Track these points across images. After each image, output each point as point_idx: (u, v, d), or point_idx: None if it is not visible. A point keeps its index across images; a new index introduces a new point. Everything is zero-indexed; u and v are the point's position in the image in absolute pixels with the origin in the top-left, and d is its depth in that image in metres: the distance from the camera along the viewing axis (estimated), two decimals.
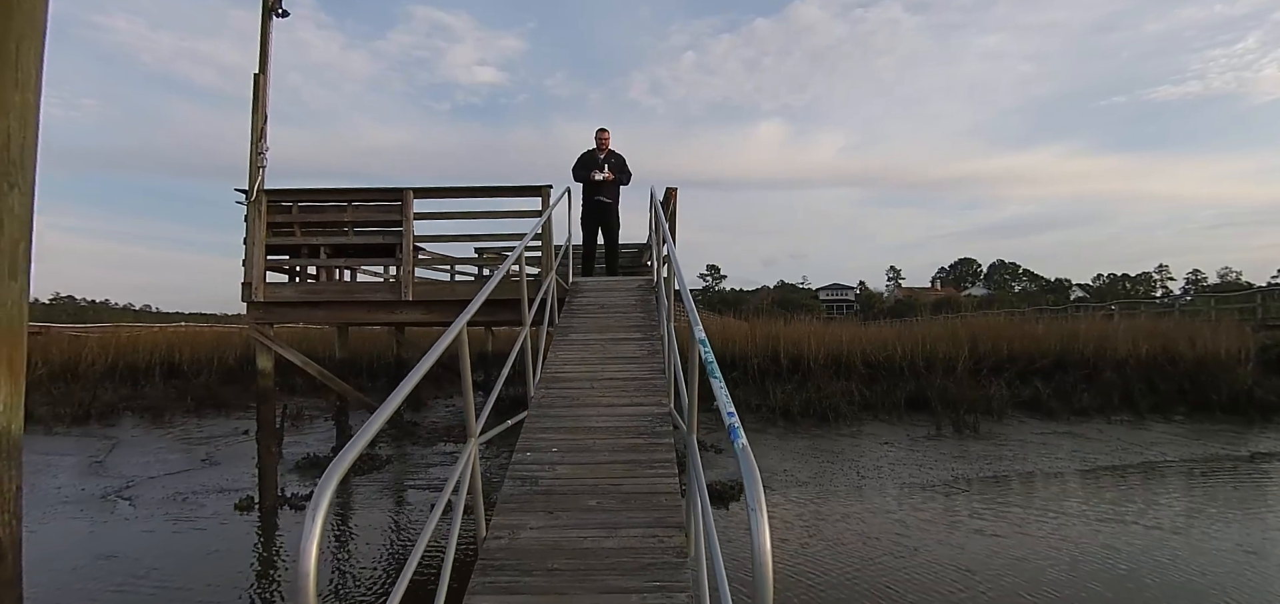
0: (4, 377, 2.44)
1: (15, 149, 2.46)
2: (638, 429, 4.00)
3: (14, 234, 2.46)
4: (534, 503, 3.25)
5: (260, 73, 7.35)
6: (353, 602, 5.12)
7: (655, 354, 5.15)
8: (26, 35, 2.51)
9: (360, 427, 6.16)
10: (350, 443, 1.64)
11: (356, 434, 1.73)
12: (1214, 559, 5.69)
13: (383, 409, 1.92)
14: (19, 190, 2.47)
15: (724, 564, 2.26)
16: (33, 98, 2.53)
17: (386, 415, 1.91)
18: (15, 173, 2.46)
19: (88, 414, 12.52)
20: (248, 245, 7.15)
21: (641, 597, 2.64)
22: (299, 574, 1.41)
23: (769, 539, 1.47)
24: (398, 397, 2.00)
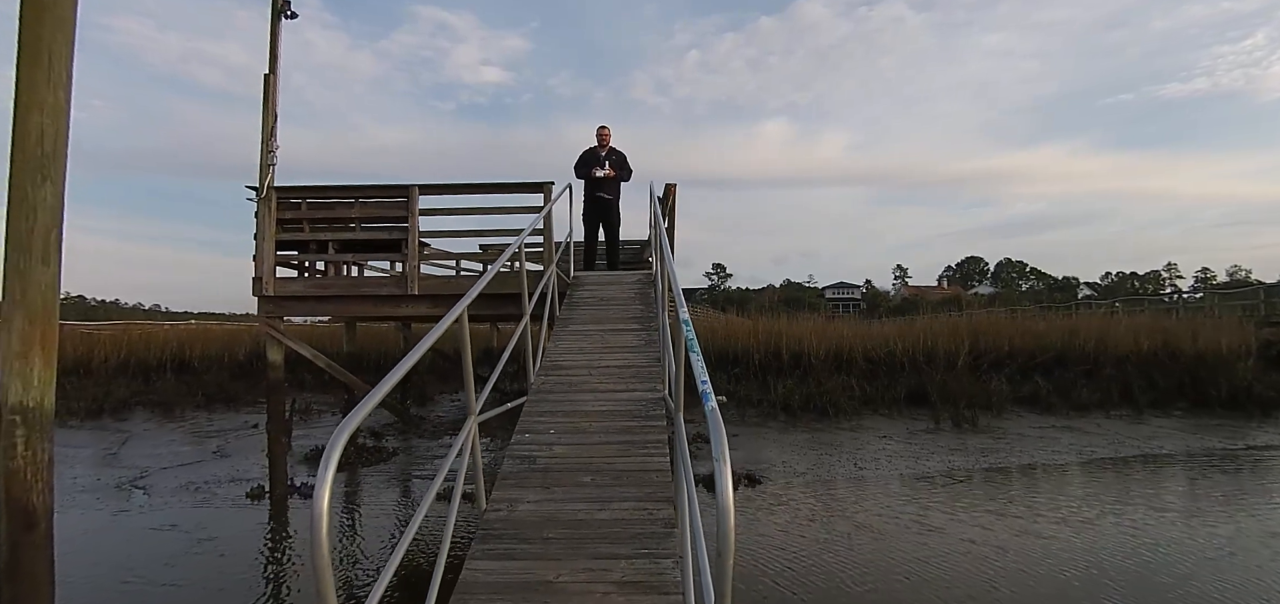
0: (37, 356, 2.63)
1: (48, 144, 2.65)
2: (632, 412, 4.17)
3: (46, 223, 2.65)
4: (531, 479, 3.43)
5: (270, 73, 7.56)
6: (362, 579, 5.29)
7: (652, 344, 5.32)
8: (58, 39, 2.71)
9: (377, 416, 6.41)
10: (361, 403, 1.82)
11: (366, 396, 1.90)
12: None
13: (393, 374, 2.09)
14: (51, 183, 2.66)
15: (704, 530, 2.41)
16: (63, 97, 2.72)
17: (396, 379, 2.09)
18: (48, 166, 2.65)
19: (101, 408, 12.77)
20: (258, 241, 7.36)
21: (630, 562, 2.81)
22: (314, 514, 1.59)
23: (731, 485, 1.64)
24: (406, 364, 2.18)
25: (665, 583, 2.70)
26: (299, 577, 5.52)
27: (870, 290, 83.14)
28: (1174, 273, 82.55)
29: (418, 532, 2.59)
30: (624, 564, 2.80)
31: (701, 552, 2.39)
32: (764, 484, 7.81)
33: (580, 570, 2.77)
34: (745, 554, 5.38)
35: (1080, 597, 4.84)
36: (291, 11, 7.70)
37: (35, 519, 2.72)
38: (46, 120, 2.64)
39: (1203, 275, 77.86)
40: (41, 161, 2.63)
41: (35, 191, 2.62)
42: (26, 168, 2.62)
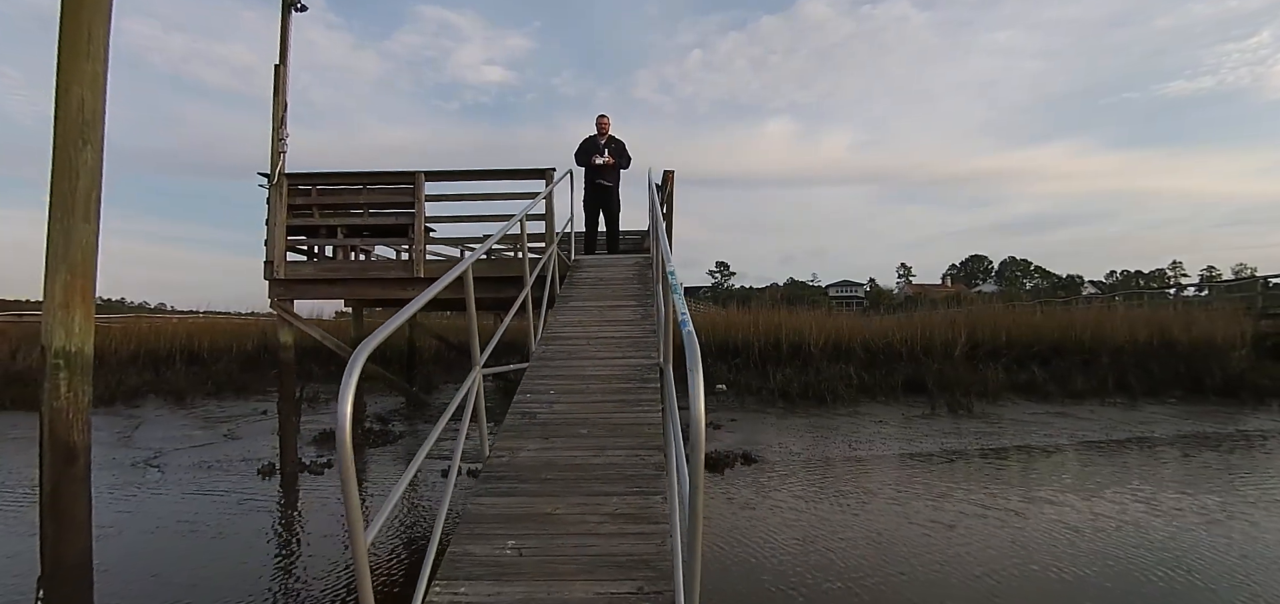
0: (78, 306, 2.87)
1: (88, 112, 2.89)
2: (628, 376, 4.40)
3: (87, 184, 2.89)
4: (532, 431, 3.67)
5: (280, 63, 7.82)
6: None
7: (649, 318, 5.55)
8: (96, 15, 2.95)
9: (377, 404, 6.72)
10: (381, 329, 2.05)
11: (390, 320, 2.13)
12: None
13: (411, 306, 2.32)
14: (91, 146, 2.91)
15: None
16: (101, 69, 2.97)
17: (413, 311, 2.31)
18: (88, 132, 2.90)
19: (113, 396, 13.06)
20: (269, 226, 7.61)
21: (623, 498, 3.04)
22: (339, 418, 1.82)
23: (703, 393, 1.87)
24: (421, 300, 2.41)
25: (654, 514, 2.93)
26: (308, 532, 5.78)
27: (874, 289, 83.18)
28: (1179, 271, 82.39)
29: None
30: (616, 499, 3.03)
31: (684, 485, 2.63)
32: (759, 464, 8.03)
33: (576, 504, 3.00)
34: (726, 523, 5.65)
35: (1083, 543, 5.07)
36: (301, 4, 7.95)
37: (75, 455, 2.96)
38: (86, 90, 2.89)
39: (1208, 273, 77.66)
40: (82, 128, 2.87)
41: (77, 155, 2.86)
42: (69, 134, 2.87)
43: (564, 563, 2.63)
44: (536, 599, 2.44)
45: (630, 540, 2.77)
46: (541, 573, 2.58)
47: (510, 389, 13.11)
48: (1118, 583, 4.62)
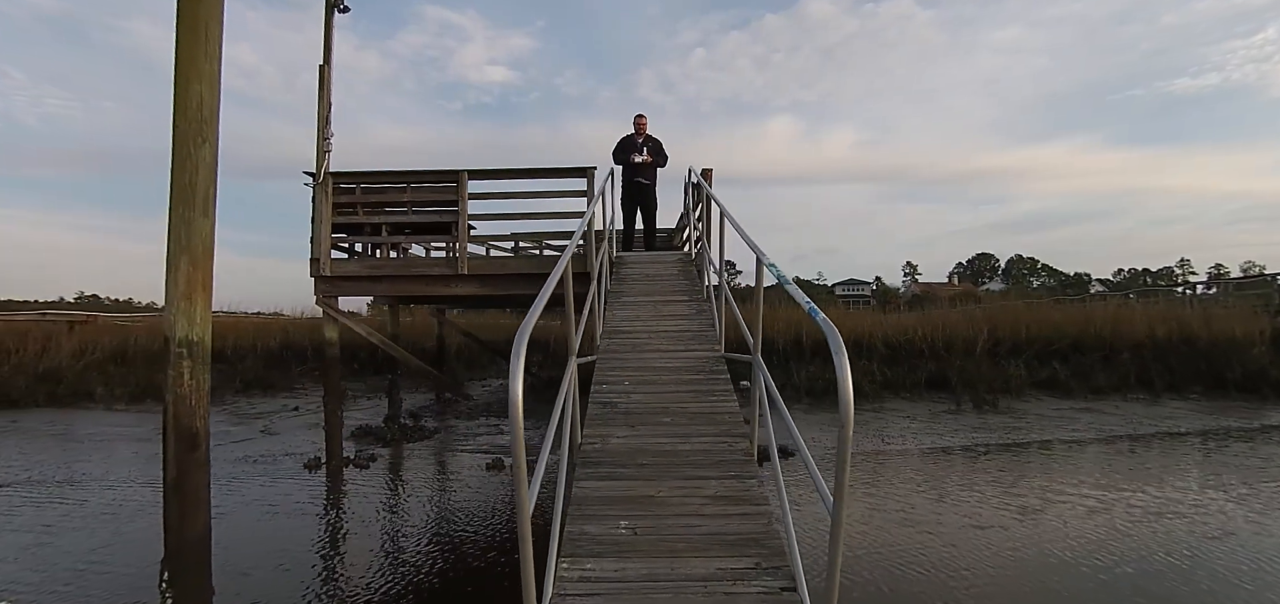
0: (199, 296, 2.98)
1: (207, 110, 3.00)
2: (696, 368, 4.51)
3: (205, 179, 3.00)
4: (615, 420, 3.77)
5: (325, 64, 7.93)
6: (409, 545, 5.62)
7: (701, 313, 5.66)
8: (212, 16, 3.06)
9: (413, 399, 6.95)
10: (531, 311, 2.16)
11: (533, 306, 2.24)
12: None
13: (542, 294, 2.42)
14: (209, 144, 3.02)
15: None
16: (217, 68, 3.08)
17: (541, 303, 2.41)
18: (207, 129, 3.01)
19: (143, 394, 13.20)
20: (315, 224, 7.72)
21: (720, 481, 3.15)
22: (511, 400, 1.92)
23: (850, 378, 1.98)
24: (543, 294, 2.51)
25: (754, 497, 3.04)
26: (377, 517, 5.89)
27: (881, 287, 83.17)
28: (1187, 269, 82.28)
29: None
30: (714, 483, 3.14)
31: (778, 476, 2.75)
32: (794, 458, 8.13)
33: (676, 488, 3.11)
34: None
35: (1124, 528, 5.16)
36: (344, 5, 8.06)
37: (198, 441, 3.07)
38: (205, 88, 2.99)
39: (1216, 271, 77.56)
40: (201, 125, 2.98)
41: (196, 151, 2.97)
42: (188, 130, 2.97)
43: (677, 541, 2.74)
44: (659, 574, 2.54)
45: (736, 521, 2.87)
46: (658, 550, 2.68)
47: (537, 386, 13.24)
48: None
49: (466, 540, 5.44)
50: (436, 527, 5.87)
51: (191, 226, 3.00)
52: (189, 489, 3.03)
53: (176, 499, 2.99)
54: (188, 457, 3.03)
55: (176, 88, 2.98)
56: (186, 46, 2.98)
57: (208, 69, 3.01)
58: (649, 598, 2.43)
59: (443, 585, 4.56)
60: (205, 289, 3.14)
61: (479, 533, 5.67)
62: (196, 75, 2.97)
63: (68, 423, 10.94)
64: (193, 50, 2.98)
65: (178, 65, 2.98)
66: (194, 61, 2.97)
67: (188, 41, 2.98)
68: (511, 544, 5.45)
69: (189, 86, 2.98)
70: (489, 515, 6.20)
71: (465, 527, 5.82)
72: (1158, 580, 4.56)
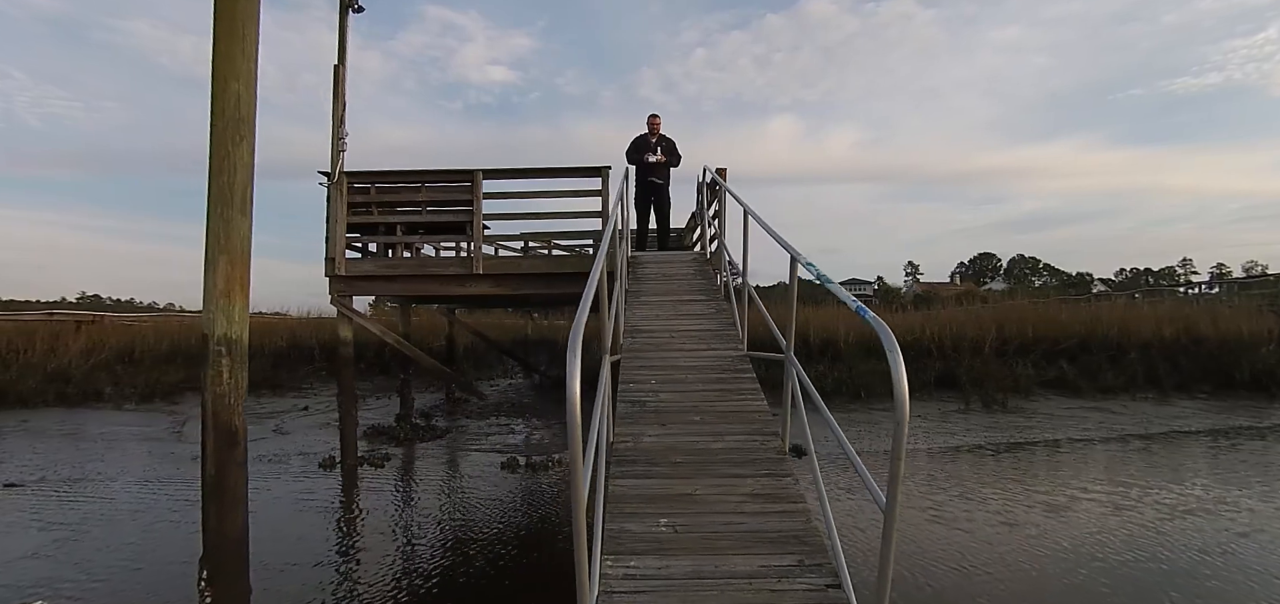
0: (238, 295, 2.99)
1: (244, 109, 3.01)
2: (720, 366, 4.52)
3: (243, 179, 3.01)
4: (646, 418, 3.78)
5: (340, 64, 7.93)
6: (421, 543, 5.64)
7: (720, 312, 5.67)
8: (250, 15, 3.07)
9: (423, 399, 7.04)
10: (581, 306, 2.16)
11: (582, 300, 2.25)
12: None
13: (588, 289, 2.43)
14: (247, 143, 3.03)
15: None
16: (255, 66, 3.09)
17: (589, 297, 2.42)
18: (244, 128, 3.02)
19: (152, 393, 13.22)
20: (330, 224, 7.72)
21: (756, 479, 3.16)
22: (568, 398, 1.93)
23: (906, 382, 1.99)
24: (589, 291, 2.52)
25: (791, 494, 3.05)
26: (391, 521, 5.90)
27: (882, 287, 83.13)
28: (1189, 268, 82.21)
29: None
30: (750, 481, 3.15)
31: (818, 476, 2.77)
32: (807, 457, 8.14)
33: (712, 486, 3.12)
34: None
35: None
36: (358, 5, 8.07)
37: (237, 439, 3.09)
38: (242, 87, 3.00)
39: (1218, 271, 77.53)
40: (239, 124, 2.99)
41: (234, 150, 2.98)
42: (226, 130, 2.98)
43: (718, 539, 2.75)
44: (705, 572, 2.55)
45: (774, 518, 2.88)
46: (701, 548, 2.69)
47: (546, 385, 13.21)
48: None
49: (493, 538, 5.47)
50: (462, 525, 5.89)
51: (230, 226, 3.01)
52: (228, 487, 3.04)
53: (216, 498, 3.01)
54: (227, 454, 3.05)
55: (214, 87, 2.99)
56: (224, 46, 2.99)
57: (245, 68, 3.01)
58: (696, 596, 2.44)
59: (475, 583, 4.58)
60: (243, 288, 3.15)
61: (504, 531, 5.69)
62: (234, 74, 2.98)
63: (79, 422, 10.95)
64: (230, 49, 2.99)
65: (215, 65, 2.99)
66: (232, 61, 2.98)
67: (225, 41, 2.98)
68: (537, 541, 5.47)
69: (227, 86, 2.99)
70: (512, 514, 6.23)
71: (490, 525, 5.84)
72: (1194, 576, 4.59)
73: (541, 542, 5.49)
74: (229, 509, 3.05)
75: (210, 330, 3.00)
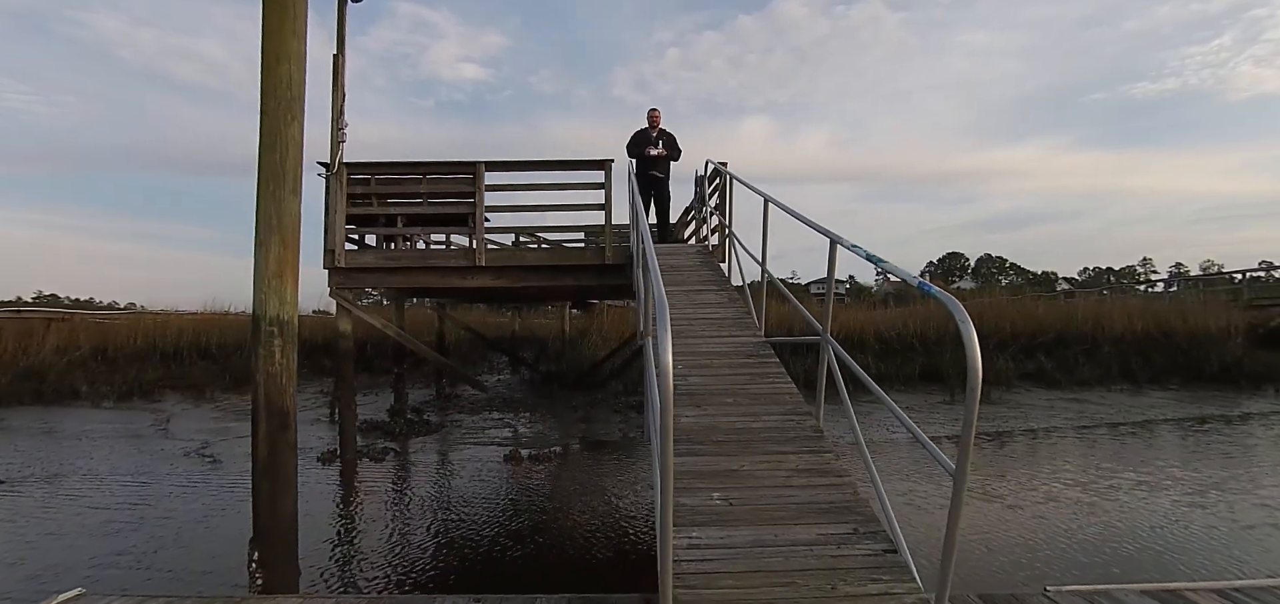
0: (289, 276, 2.99)
1: (295, 88, 3.02)
2: (744, 353, 4.61)
3: (295, 158, 3.01)
4: (681, 400, 3.85)
5: (338, 53, 7.85)
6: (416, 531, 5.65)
7: (733, 302, 5.76)
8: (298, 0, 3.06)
9: (415, 394, 7.12)
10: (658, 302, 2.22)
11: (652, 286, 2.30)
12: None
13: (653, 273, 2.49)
14: (298, 122, 3.03)
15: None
16: (304, 46, 3.08)
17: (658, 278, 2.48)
18: (296, 107, 3.02)
19: (131, 391, 12.93)
20: (329, 215, 7.64)
21: (799, 455, 3.25)
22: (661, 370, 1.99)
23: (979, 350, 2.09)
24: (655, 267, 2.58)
25: (836, 469, 3.15)
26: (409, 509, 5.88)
27: (854, 286, 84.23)
28: (1149, 267, 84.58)
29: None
30: (793, 458, 3.24)
31: (866, 454, 2.88)
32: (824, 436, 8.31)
33: (758, 462, 3.20)
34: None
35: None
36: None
37: (288, 420, 3.08)
38: (293, 67, 3.00)
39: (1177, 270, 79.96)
40: (290, 103, 2.98)
41: (286, 130, 2.97)
42: (278, 110, 2.97)
43: (774, 510, 2.83)
44: (765, 540, 2.63)
45: (823, 491, 2.97)
46: (758, 518, 2.77)
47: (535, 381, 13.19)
48: None
49: (509, 522, 5.51)
50: (479, 512, 5.89)
51: (282, 206, 3.00)
52: (280, 468, 3.04)
53: (268, 478, 2.99)
54: (279, 436, 3.04)
55: (264, 68, 2.97)
56: (275, 23, 2.97)
57: (296, 47, 3.01)
58: (761, 562, 2.51)
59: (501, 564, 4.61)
60: (294, 269, 3.14)
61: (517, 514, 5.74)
62: (285, 54, 2.97)
63: (59, 421, 10.67)
64: (281, 28, 2.98)
65: (265, 45, 2.98)
66: (282, 40, 2.97)
67: (275, 20, 2.97)
68: (549, 525, 5.50)
69: (278, 66, 2.98)
70: (522, 499, 6.26)
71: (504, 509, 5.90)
72: (1247, 541, 4.96)
73: (553, 523, 5.54)
74: (281, 490, 3.03)
75: (262, 312, 2.98)
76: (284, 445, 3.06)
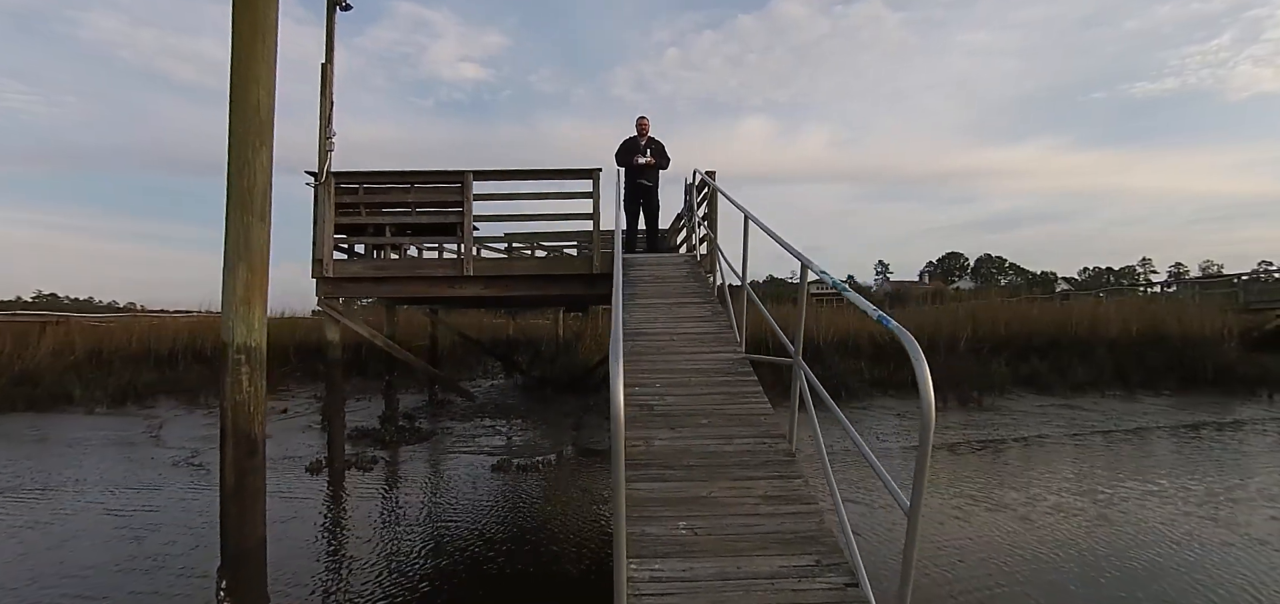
0: (257, 302, 2.99)
1: (264, 113, 3.02)
2: (722, 370, 4.62)
3: (263, 184, 3.02)
4: (655, 422, 3.85)
5: (327, 62, 7.86)
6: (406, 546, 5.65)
7: (717, 315, 5.76)
8: (269, 20, 3.07)
9: (406, 399, 7.09)
10: (614, 325, 2.22)
11: (614, 320, 2.31)
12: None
13: (616, 309, 2.50)
14: (267, 148, 3.04)
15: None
16: (274, 72, 3.08)
17: (620, 315, 2.49)
18: (265, 133, 3.02)
19: (124, 396, 12.94)
20: (317, 225, 7.64)
21: (768, 481, 3.25)
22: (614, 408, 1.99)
23: (931, 384, 2.09)
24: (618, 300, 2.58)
25: (802, 496, 3.15)
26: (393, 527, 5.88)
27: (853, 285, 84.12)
28: (1149, 267, 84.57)
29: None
30: (763, 483, 3.24)
31: (832, 483, 2.88)
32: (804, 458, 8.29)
33: (726, 488, 3.20)
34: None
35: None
36: (346, 3, 7.99)
37: (256, 446, 3.08)
38: (263, 92, 3.00)
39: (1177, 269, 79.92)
40: (259, 128, 2.98)
41: (254, 156, 2.97)
42: (247, 134, 2.97)
43: (738, 540, 2.83)
44: (728, 573, 2.63)
45: (790, 520, 2.98)
46: (722, 550, 2.78)
47: (529, 385, 13.17)
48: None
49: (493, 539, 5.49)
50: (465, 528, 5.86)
51: (250, 232, 3.00)
52: (247, 494, 3.04)
53: (236, 504, 3.00)
54: (246, 462, 3.04)
55: (233, 92, 2.98)
56: (244, 50, 2.97)
57: (266, 73, 3.01)
58: (723, 596, 2.52)
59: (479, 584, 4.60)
60: (262, 295, 3.14)
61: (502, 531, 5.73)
62: (255, 79, 2.97)
63: (51, 428, 10.70)
64: (252, 53, 2.98)
65: (234, 69, 2.97)
66: (252, 65, 2.97)
67: (246, 45, 2.97)
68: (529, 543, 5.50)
69: (247, 91, 2.98)
70: (507, 515, 6.24)
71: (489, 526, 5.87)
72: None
73: (540, 542, 5.53)
74: (249, 516, 3.04)
75: (229, 338, 2.99)
76: (251, 471, 3.06)
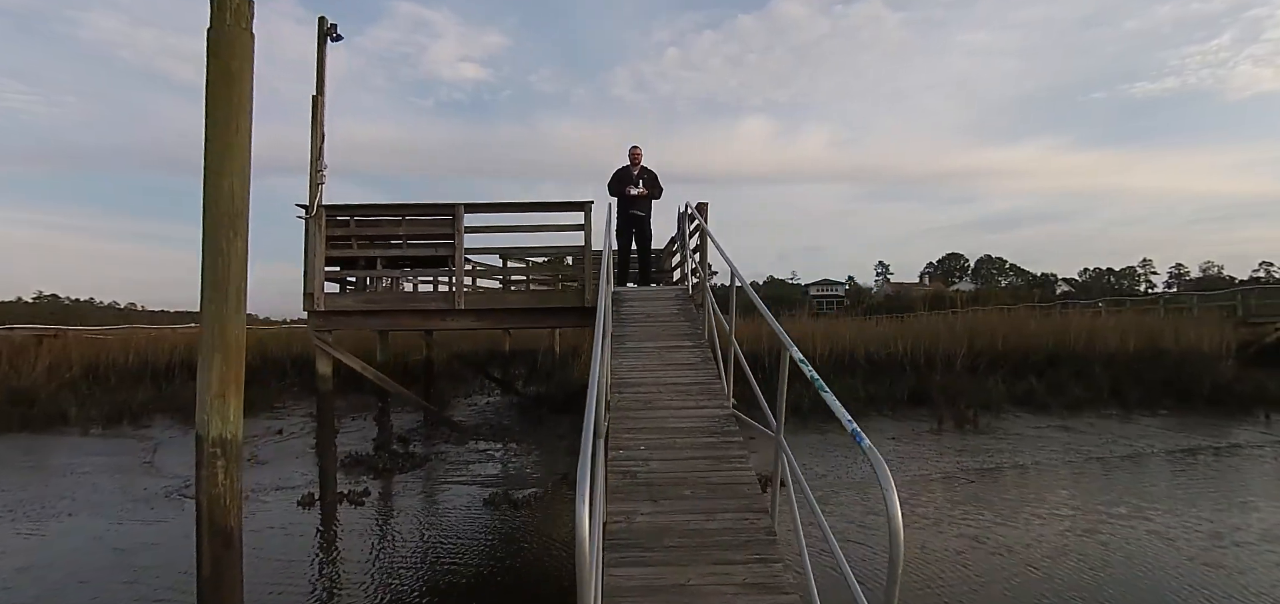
0: (232, 392, 2.97)
1: (238, 202, 2.99)
2: (709, 429, 4.59)
3: (237, 273, 2.99)
4: (638, 493, 3.83)
5: (318, 94, 7.83)
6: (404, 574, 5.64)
7: (707, 361, 5.74)
8: (242, 109, 3.04)
9: (401, 420, 7.07)
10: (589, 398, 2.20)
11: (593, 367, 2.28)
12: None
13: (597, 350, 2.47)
14: (240, 237, 3.01)
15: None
16: (247, 160, 3.06)
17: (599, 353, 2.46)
18: (238, 222, 2.99)
19: (120, 416, 12.93)
20: (308, 258, 7.62)
21: (748, 567, 3.23)
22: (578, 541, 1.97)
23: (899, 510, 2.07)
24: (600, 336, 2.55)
25: (781, 584, 3.12)
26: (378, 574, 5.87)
27: (853, 287, 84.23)
28: (1149, 268, 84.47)
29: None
30: (742, 569, 3.21)
31: (807, 566, 2.85)
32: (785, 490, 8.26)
33: (706, 574, 3.18)
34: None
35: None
36: (337, 34, 7.97)
37: (232, 539, 3.06)
38: (236, 182, 2.97)
39: (1177, 271, 79.85)
40: (232, 218, 2.96)
41: (228, 245, 2.95)
42: (220, 223, 2.95)
43: None
44: None
45: None
46: None
47: (525, 405, 13.14)
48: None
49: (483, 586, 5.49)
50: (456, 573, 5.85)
51: (226, 324, 2.98)
52: (225, 584, 3.03)
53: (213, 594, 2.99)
54: (223, 554, 3.03)
55: (207, 182, 2.95)
56: (217, 139, 2.95)
57: (239, 163, 2.98)
58: None
59: None
60: (238, 386, 3.12)
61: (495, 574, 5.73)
62: (228, 169, 2.95)
63: (45, 453, 10.70)
64: (225, 142, 2.95)
65: (208, 159, 2.95)
66: (226, 154, 2.95)
67: (219, 134, 2.95)
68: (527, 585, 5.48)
69: (220, 181, 2.95)
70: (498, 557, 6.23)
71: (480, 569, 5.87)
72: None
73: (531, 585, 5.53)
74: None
75: (204, 431, 2.97)
76: (228, 562, 3.05)
